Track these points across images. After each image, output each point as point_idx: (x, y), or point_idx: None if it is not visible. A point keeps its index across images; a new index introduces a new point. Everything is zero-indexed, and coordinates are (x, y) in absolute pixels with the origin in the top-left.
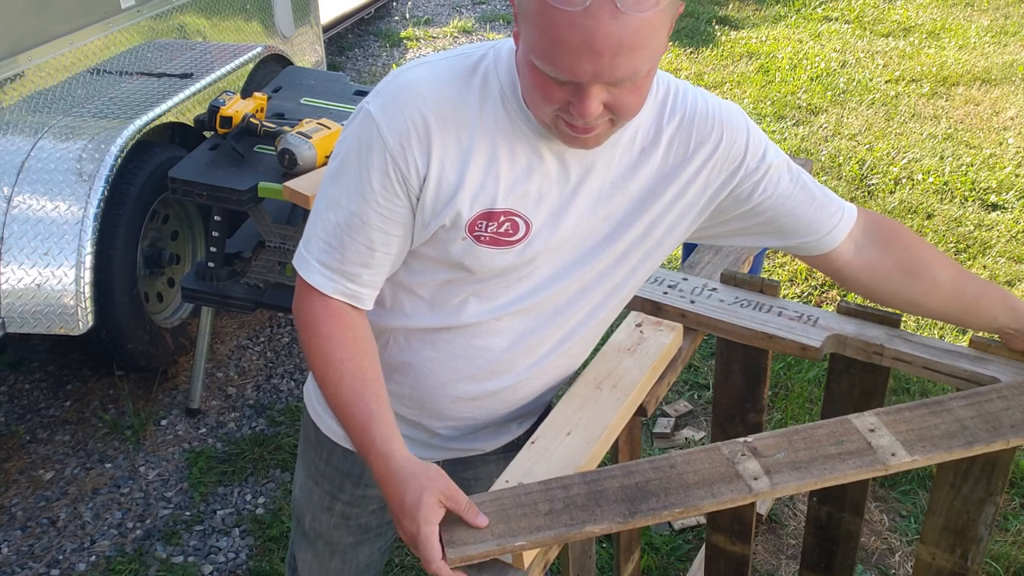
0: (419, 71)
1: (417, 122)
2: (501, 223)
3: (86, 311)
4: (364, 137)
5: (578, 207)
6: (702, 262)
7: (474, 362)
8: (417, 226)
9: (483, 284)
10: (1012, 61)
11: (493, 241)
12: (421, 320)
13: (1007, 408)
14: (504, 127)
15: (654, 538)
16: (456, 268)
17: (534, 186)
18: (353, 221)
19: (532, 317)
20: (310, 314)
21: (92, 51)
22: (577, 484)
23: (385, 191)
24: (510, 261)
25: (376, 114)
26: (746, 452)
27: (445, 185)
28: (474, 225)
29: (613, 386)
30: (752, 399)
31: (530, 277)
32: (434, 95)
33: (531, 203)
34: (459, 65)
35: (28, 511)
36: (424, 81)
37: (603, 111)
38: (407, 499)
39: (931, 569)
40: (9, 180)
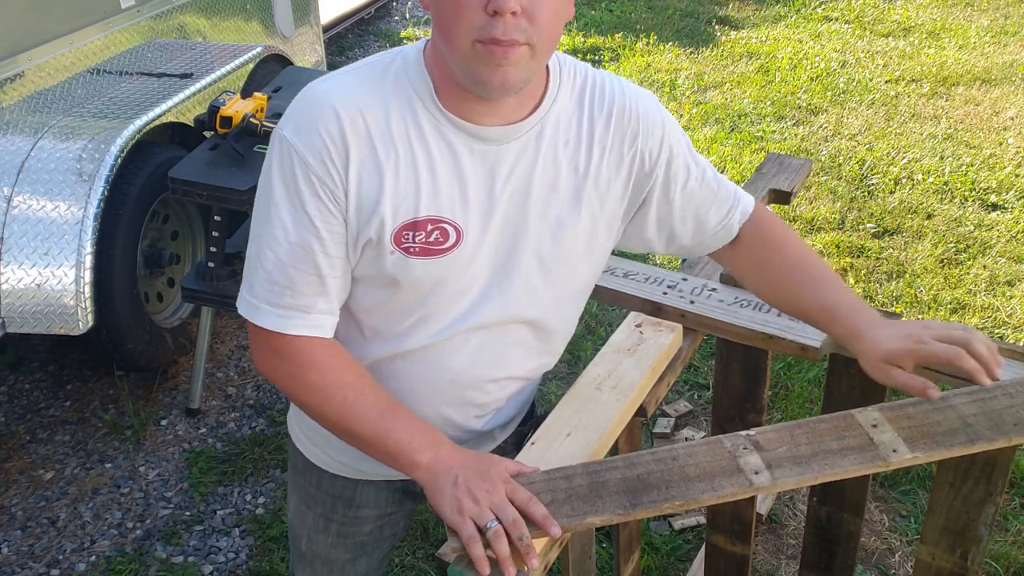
0: (327, 84)
1: (333, 134)
2: (429, 232)
3: (86, 311)
4: (286, 165)
5: (508, 209)
6: (702, 262)
7: (439, 385)
8: (349, 244)
9: (427, 303)
10: (1012, 61)
11: (423, 251)
12: (376, 350)
13: (1011, 406)
14: (421, 132)
15: (654, 538)
16: (393, 286)
17: (458, 190)
18: (296, 253)
19: (485, 329)
20: (278, 360)
21: (92, 51)
22: (580, 475)
23: (320, 214)
24: (445, 270)
25: (291, 138)
26: (748, 446)
27: (365, 197)
28: (400, 237)
29: (613, 387)
30: (752, 399)
31: (471, 288)
32: (345, 105)
33: (458, 208)
34: (367, 73)
35: (28, 511)
36: (333, 93)
37: (520, 16)
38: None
39: (931, 569)
40: (9, 180)
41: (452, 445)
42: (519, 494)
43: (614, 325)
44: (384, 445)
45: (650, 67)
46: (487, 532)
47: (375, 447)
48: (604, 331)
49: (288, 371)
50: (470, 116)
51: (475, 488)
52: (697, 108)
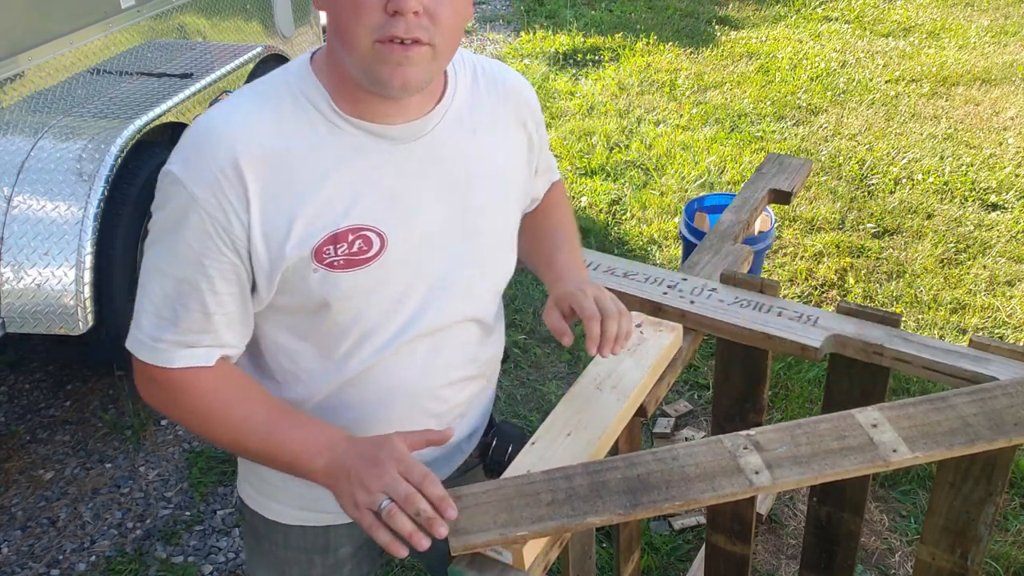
0: (214, 114)
1: (225, 167)
2: (351, 242)
3: (86, 311)
4: (174, 200)
5: (429, 206)
6: (702, 262)
7: (395, 404)
8: (260, 279)
9: (363, 319)
10: (1012, 61)
11: (348, 263)
12: (320, 386)
13: (1011, 405)
14: (323, 142)
15: (654, 538)
16: (324, 308)
17: (374, 194)
18: (182, 288)
19: (430, 335)
20: (157, 387)
21: (92, 51)
22: (580, 475)
23: (208, 250)
24: (375, 279)
25: (179, 173)
26: (748, 445)
27: (274, 224)
28: (321, 252)
29: (613, 387)
30: (752, 399)
31: (409, 295)
32: (236, 134)
33: (378, 212)
34: (253, 96)
35: (28, 511)
36: (222, 122)
37: (422, 15)
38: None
39: (931, 569)
40: (9, 180)
41: (348, 441)
42: (413, 472)
43: None
44: (280, 458)
45: (650, 67)
46: (381, 513)
47: (273, 462)
48: None
49: (168, 399)
50: (372, 116)
51: (366, 477)
52: (697, 108)
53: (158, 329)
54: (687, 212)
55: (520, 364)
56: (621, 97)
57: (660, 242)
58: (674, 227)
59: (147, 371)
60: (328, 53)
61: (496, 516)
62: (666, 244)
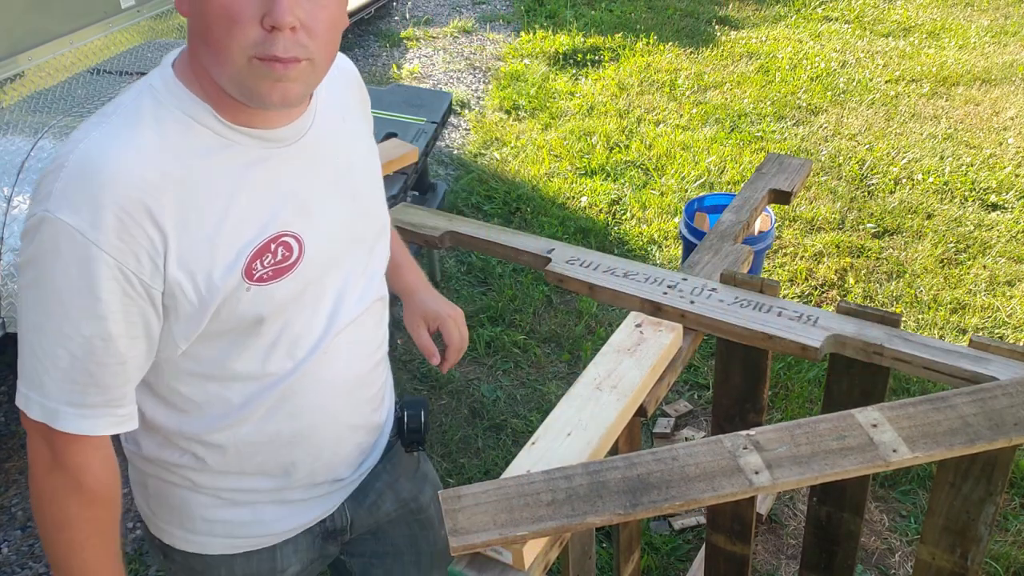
0: (88, 148)
1: (126, 206)
2: (275, 251)
3: None
4: (66, 251)
5: (326, 198)
6: (702, 262)
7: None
8: (181, 321)
9: (293, 325)
10: (1012, 61)
11: (276, 273)
12: (257, 405)
13: (1011, 405)
14: (216, 156)
15: (654, 538)
16: (258, 324)
17: (281, 200)
18: (95, 345)
19: (351, 325)
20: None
21: (92, 51)
22: (580, 475)
23: (123, 299)
24: (301, 283)
25: (70, 219)
26: (748, 446)
27: (197, 254)
28: (250, 270)
29: (613, 387)
30: (752, 399)
31: (326, 292)
32: (127, 165)
33: (288, 217)
34: (126, 119)
35: (28, 511)
36: (105, 155)
37: (299, 31)
38: None
39: (931, 569)
40: (9, 180)
41: None
42: None
43: (614, 325)
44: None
45: (650, 67)
46: None
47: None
48: (604, 331)
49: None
50: (255, 123)
51: None
52: (697, 108)
53: (75, 394)
54: (687, 212)
55: (520, 364)
56: (621, 97)
57: (660, 242)
58: (674, 227)
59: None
60: (193, 61)
61: (496, 516)
62: (666, 244)
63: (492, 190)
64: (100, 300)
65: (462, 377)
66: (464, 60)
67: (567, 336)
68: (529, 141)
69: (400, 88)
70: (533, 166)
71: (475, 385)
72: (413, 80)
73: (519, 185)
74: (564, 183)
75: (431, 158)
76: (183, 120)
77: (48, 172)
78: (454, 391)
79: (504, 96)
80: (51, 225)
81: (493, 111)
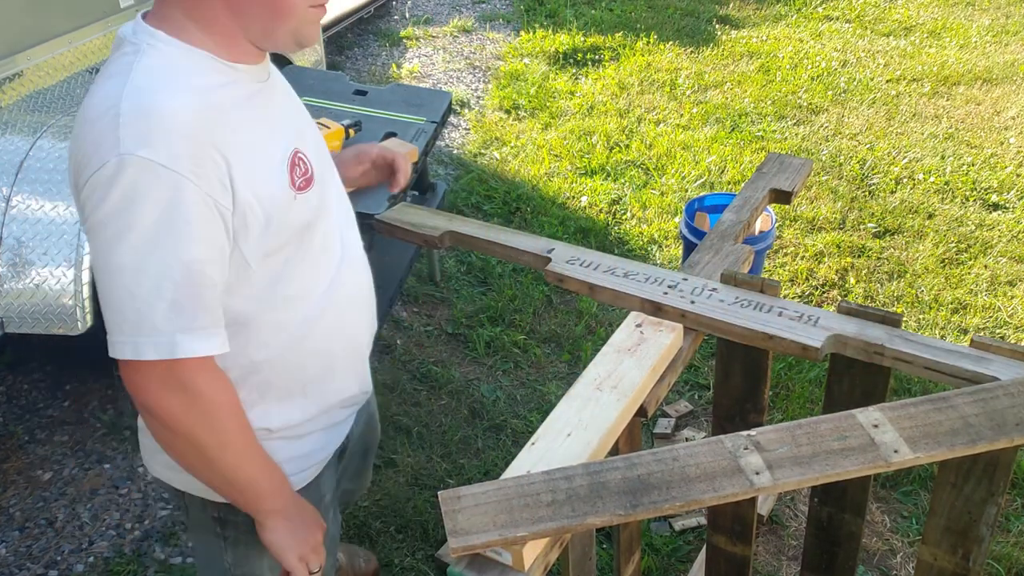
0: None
1: (195, 136)
2: (298, 164)
3: (85, 311)
4: (153, 185)
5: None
6: (702, 262)
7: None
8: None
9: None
10: (1013, 60)
11: (307, 182)
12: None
13: (1013, 406)
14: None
15: (655, 539)
16: (305, 231)
17: (281, 123)
18: (194, 269)
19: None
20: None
21: (91, 50)
22: (580, 475)
23: (210, 222)
24: (320, 193)
25: (149, 155)
26: (749, 446)
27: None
28: (293, 179)
29: (613, 387)
30: (752, 399)
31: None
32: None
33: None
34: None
35: (26, 512)
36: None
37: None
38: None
39: (933, 570)
40: (8, 180)
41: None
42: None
43: (614, 325)
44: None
45: (650, 66)
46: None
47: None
48: (604, 331)
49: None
50: (247, 59)
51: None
52: (697, 107)
53: (184, 319)
54: (687, 212)
55: (520, 364)
56: (621, 96)
57: (660, 242)
58: (674, 227)
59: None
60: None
61: (496, 517)
62: (666, 244)
63: (492, 190)
64: (191, 224)
65: (462, 377)
66: (464, 59)
67: (567, 336)
68: (529, 141)
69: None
70: (533, 166)
71: (475, 385)
72: (413, 79)
73: (519, 185)
74: (564, 183)
75: (431, 158)
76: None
77: (96, 126)
78: (454, 391)
79: (504, 96)
80: (132, 164)
81: (493, 111)
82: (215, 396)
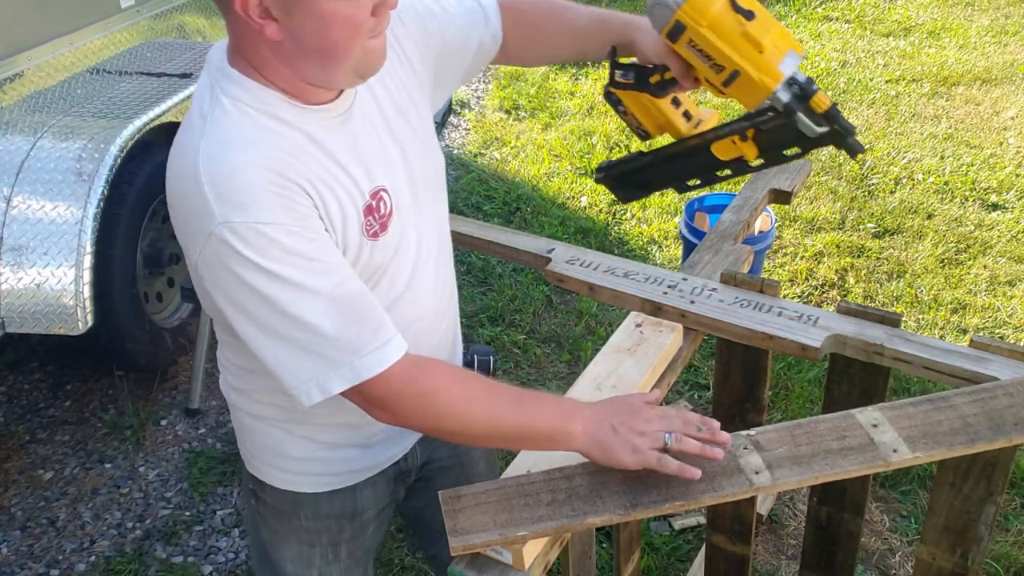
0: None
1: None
2: (377, 207)
3: (85, 311)
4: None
5: (389, 148)
6: (702, 262)
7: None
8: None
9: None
10: (1012, 61)
11: (382, 227)
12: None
13: (1011, 405)
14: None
15: (654, 538)
16: (372, 275)
17: (360, 159)
18: (336, 296)
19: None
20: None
21: (92, 51)
22: (580, 475)
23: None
24: (399, 229)
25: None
26: (748, 446)
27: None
28: (366, 227)
29: (613, 387)
30: (752, 399)
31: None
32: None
33: (374, 173)
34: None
35: (28, 511)
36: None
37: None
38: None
39: (931, 569)
40: (8, 180)
41: (584, 404)
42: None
43: (614, 325)
44: (535, 432)
45: None
46: (669, 446)
47: (523, 438)
48: (604, 331)
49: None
50: (319, 100)
51: (635, 424)
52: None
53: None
54: (687, 212)
55: (520, 364)
56: None
57: (660, 242)
58: (674, 227)
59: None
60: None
61: (496, 516)
62: (666, 244)
63: (492, 190)
64: (313, 260)
65: None
66: None
67: (567, 336)
68: (529, 141)
69: None
70: (533, 166)
71: None
72: None
73: (519, 185)
74: (564, 183)
75: None
76: (264, 109)
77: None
78: None
79: (504, 96)
80: (232, 233)
81: (493, 111)
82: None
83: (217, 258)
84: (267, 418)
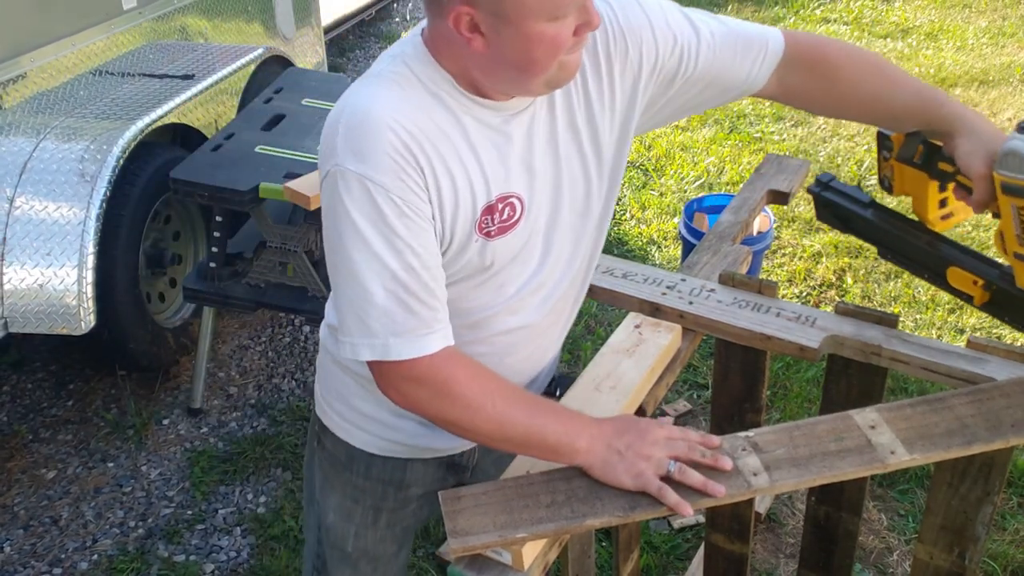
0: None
1: (399, 150)
2: (501, 211)
3: (88, 311)
4: (358, 196)
5: (544, 166)
6: (700, 263)
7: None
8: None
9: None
10: (1009, 62)
11: (501, 231)
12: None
13: (1008, 406)
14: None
15: (653, 537)
16: (477, 272)
17: (508, 164)
18: (400, 277)
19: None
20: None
21: (94, 52)
22: (579, 476)
23: (411, 232)
24: (522, 240)
25: (357, 169)
26: (747, 447)
27: (445, 200)
28: (481, 224)
29: (612, 387)
30: (751, 399)
31: (535, 251)
32: (394, 119)
33: (513, 180)
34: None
35: (30, 510)
36: (376, 110)
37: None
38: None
39: (929, 568)
40: (12, 181)
41: (596, 421)
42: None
43: (613, 325)
44: (542, 442)
45: None
46: (672, 475)
47: (530, 446)
48: (603, 331)
49: (432, 393)
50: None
51: (641, 448)
52: None
53: (395, 324)
54: (686, 213)
55: None
56: None
57: (659, 243)
58: (673, 228)
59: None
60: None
61: (495, 518)
62: (665, 244)
63: None
64: (396, 236)
65: None
66: None
67: (566, 336)
68: None
69: None
70: None
71: None
72: None
73: None
74: None
75: None
76: (432, 90)
77: (328, 131)
78: None
79: None
80: (341, 176)
81: None
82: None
83: (328, 192)
84: (348, 368)
